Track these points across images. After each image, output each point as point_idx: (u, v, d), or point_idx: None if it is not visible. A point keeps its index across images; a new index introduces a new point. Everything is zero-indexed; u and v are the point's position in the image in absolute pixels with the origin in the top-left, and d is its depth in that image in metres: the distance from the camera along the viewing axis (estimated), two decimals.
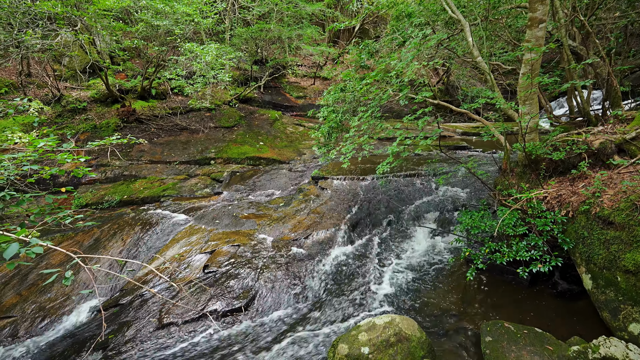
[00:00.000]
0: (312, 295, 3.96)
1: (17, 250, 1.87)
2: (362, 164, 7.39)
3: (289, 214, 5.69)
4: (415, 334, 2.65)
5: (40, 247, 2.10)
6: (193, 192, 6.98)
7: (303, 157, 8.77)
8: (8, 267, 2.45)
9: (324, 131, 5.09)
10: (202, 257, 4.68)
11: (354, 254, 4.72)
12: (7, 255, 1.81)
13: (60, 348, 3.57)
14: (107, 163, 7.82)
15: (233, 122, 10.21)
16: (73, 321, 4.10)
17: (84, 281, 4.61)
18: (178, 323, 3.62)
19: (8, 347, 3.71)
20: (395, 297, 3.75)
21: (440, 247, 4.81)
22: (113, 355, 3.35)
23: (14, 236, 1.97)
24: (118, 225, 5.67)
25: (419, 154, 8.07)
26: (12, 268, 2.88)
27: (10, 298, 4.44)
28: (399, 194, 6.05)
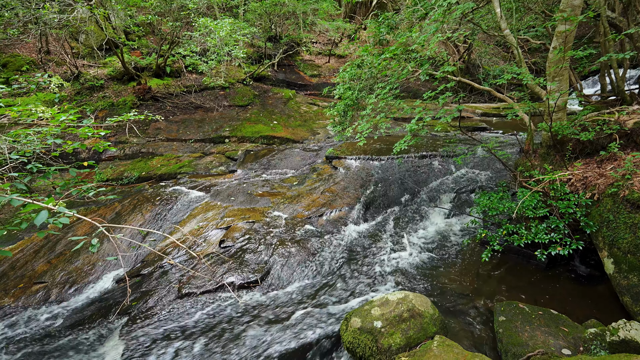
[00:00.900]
0: (325, 272, 4.03)
1: (46, 218, 1.95)
2: (376, 144, 7.27)
3: (302, 193, 5.72)
4: (428, 311, 2.67)
5: (66, 218, 2.18)
6: (208, 170, 7.08)
7: (317, 137, 8.70)
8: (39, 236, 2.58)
9: (340, 109, 4.99)
10: (218, 232, 4.80)
11: (368, 232, 4.74)
12: (37, 221, 1.89)
13: (88, 312, 3.80)
14: (125, 140, 7.98)
15: (247, 100, 10.16)
16: (98, 289, 4.34)
17: (107, 252, 4.84)
18: (196, 293, 3.77)
19: (42, 310, 3.97)
20: (408, 276, 3.77)
21: (455, 228, 4.76)
22: (136, 320, 3.54)
23: (43, 205, 2.05)
24: (137, 200, 5.85)
25: (436, 134, 7.87)
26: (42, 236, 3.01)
27: (41, 265, 4.72)
28: (415, 174, 5.95)
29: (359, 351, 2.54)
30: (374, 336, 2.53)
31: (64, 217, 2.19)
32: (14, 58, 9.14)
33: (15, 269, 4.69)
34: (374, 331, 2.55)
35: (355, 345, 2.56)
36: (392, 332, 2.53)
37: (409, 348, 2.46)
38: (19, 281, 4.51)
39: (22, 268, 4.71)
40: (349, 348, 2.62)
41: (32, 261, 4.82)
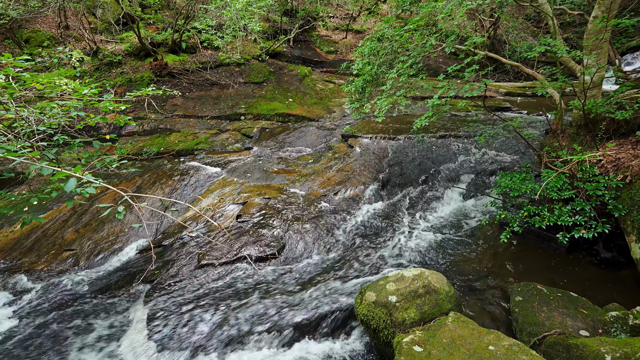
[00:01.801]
0: (339, 248, 4.08)
1: (74, 186, 2.02)
2: (393, 124, 7.11)
3: (318, 171, 5.71)
4: (443, 288, 2.67)
5: (92, 188, 2.25)
6: (225, 147, 7.14)
7: (332, 115, 8.56)
8: (67, 204, 2.69)
9: (358, 85, 4.85)
10: (235, 208, 4.90)
11: (383, 211, 4.73)
12: (67, 188, 1.95)
13: (114, 278, 4.02)
14: (144, 116, 8.10)
15: (262, 77, 10.03)
16: (122, 257, 4.56)
17: (131, 224, 5.04)
18: (215, 264, 3.91)
19: (72, 275, 4.23)
20: (424, 254, 3.77)
21: (473, 209, 4.68)
22: (159, 287, 3.72)
23: (71, 173, 2.11)
24: (157, 175, 6.00)
25: (456, 114, 7.60)
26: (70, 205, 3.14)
27: (70, 234, 4.98)
28: (433, 154, 5.82)
29: (373, 324, 2.59)
30: (389, 310, 2.57)
31: (90, 187, 2.27)
32: (35, 33, 9.27)
33: (47, 237, 4.97)
34: (389, 305, 2.59)
35: (369, 318, 2.61)
36: (407, 306, 2.55)
37: (423, 323, 2.49)
38: (51, 248, 4.78)
39: (52, 236, 4.98)
40: (363, 320, 2.67)
41: (61, 230, 5.09)
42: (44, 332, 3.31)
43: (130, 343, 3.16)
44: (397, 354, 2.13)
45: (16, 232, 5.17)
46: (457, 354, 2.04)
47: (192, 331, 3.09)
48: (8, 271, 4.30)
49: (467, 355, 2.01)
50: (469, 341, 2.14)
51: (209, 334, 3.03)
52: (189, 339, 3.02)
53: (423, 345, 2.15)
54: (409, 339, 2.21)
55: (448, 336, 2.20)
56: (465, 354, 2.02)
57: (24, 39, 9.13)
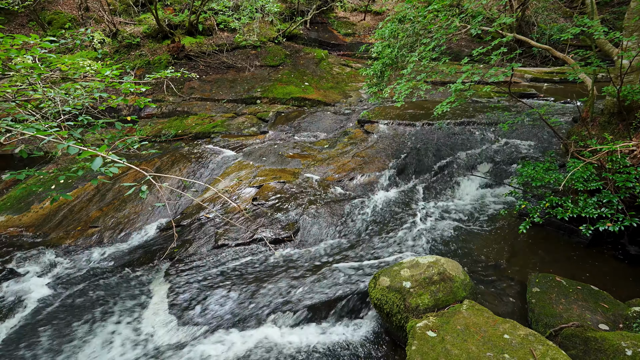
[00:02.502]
0: (353, 233, 4.10)
1: (100, 165, 2.09)
2: (411, 109, 6.94)
3: (333, 156, 5.69)
4: (459, 276, 2.66)
5: (115, 168, 2.31)
6: (240, 130, 7.18)
7: (349, 100, 8.43)
8: (92, 183, 2.80)
9: (377, 68, 4.73)
10: (251, 190, 4.97)
11: (398, 198, 4.69)
12: (94, 166, 2.02)
13: (136, 255, 4.19)
14: (162, 99, 8.21)
15: (278, 60, 9.91)
16: (143, 235, 4.74)
17: (150, 203, 5.21)
18: (231, 245, 4.02)
19: (97, 250, 4.44)
20: (439, 242, 3.74)
21: (491, 199, 4.57)
22: (178, 265, 3.87)
23: (97, 152, 2.18)
24: (175, 157, 6.13)
25: (477, 100, 7.34)
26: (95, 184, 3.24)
27: (94, 212, 5.20)
28: (451, 142, 5.67)
29: (387, 308, 2.62)
30: (402, 295, 2.59)
31: (113, 167, 2.34)
32: (57, 15, 9.42)
33: (73, 214, 5.21)
34: (403, 290, 2.60)
35: (383, 302, 2.64)
36: (421, 292, 2.56)
37: (437, 309, 2.50)
38: (77, 224, 5.02)
39: (78, 213, 5.22)
40: (377, 304, 2.71)
41: (86, 208, 5.32)
42: (72, 301, 3.52)
43: (152, 315, 3.33)
44: (411, 337, 2.16)
45: (45, 209, 5.45)
46: (471, 340, 2.05)
47: (210, 307, 3.22)
48: (40, 245, 4.56)
49: (481, 343, 2.02)
50: (483, 329, 2.14)
51: (225, 311, 3.15)
52: (207, 314, 3.15)
53: (437, 331, 2.17)
54: (422, 324, 2.23)
55: (462, 323, 2.21)
56: (480, 341, 2.03)
57: (46, 20, 9.30)
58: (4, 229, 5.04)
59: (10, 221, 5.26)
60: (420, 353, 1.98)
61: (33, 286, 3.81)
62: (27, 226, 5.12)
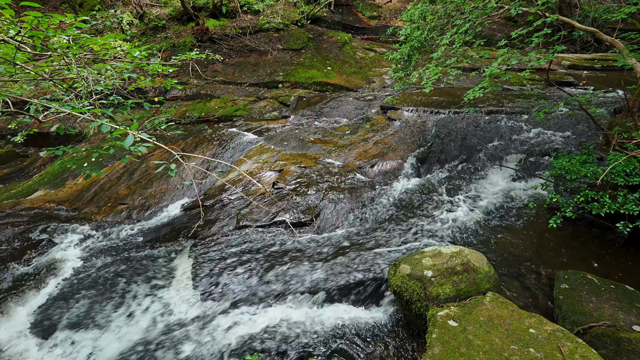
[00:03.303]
0: (373, 220, 4.07)
1: (132, 142, 2.15)
2: (437, 96, 6.69)
3: (354, 142, 5.61)
4: (483, 267, 2.59)
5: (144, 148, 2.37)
6: (262, 114, 7.21)
7: (372, 85, 8.23)
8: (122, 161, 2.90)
9: (404, 52, 4.55)
10: (272, 174, 5.01)
11: (421, 187, 4.59)
12: (126, 143, 2.09)
13: (162, 232, 4.37)
14: (186, 81, 8.33)
15: (301, 44, 9.76)
16: (168, 214, 4.91)
17: (175, 183, 5.37)
18: (252, 226, 4.10)
19: (126, 226, 4.66)
20: (462, 233, 3.66)
21: (519, 191, 4.39)
22: (201, 243, 4.00)
23: (129, 130, 2.25)
24: (199, 139, 6.25)
25: (509, 87, 6.96)
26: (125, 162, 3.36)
27: (123, 190, 5.44)
28: (479, 131, 5.45)
29: (406, 295, 2.61)
30: (423, 284, 2.56)
31: (142, 147, 2.40)
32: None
33: (104, 191, 5.47)
34: (424, 279, 2.58)
35: (402, 289, 2.63)
36: (443, 282, 2.53)
37: (459, 300, 2.46)
38: (107, 201, 5.27)
39: (108, 190, 5.47)
40: (396, 291, 2.70)
41: (115, 185, 5.57)
42: (104, 272, 3.72)
43: (177, 289, 3.48)
44: (431, 326, 2.14)
45: (79, 185, 5.75)
46: (494, 332, 2.01)
47: (231, 285, 3.32)
48: (74, 219, 4.84)
49: (505, 335, 1.97)
50: (507, 322, 2.09)
51: (246, 289, 3.24)
52: (228, 292, 3.26)
53: (458, 321, 2.14)
54: (443, 313, 2.21)
55: (485, 315, 2.16)
56: (504, 333, 1.98)
57: (78, 3, 9.55)
58: (43, 203, 5.37)
59: (48, 195, 5.60)
60: (441, 341, 1.97)
61: (69, 256, 4.06)
62: (63, 201, 5.44)
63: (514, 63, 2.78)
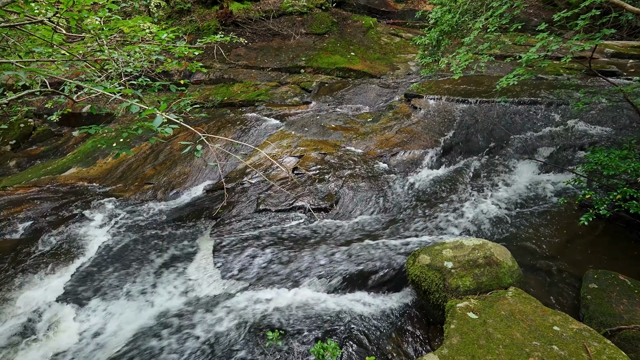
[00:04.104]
0: (393, 210, 4.03)
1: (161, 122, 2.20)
2: (464, 84, 6.42)
3: (376, 130, 5.52)
4: (506, 262, 2.52)
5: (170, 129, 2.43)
6: (284, 100, 7.19)
7: (396, 72, 7.99)
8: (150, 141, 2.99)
9: (433, 37, 4.37)
10: (292, 160, 5.03)
11: (443, 178, 4.48)
12: (155, 123, 2.14)
13: (185, 212, 4.52)
14: (210, 65, 8.40)
15: (325, 28, 9.57)
16: (191, 195, 5.07)
17: (198, 165, 5.51)
18: (272, 210, 4.16)
19: (151, 205, 4.85)
20: (485, 226, 3.56)
21: (547, 186, 4.20)
22: (222, 224, 4.11)
23: (158, 111, 2.31)
24: (221, 122, 6.34)
25: (543, 77, 6.57)
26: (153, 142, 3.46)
27: (148, 170, 5.64)
28: (508, 121, 5.21)
29: (425, 285, 2.59)
30: (443, 275, 2.53)
31: (168, 128, 2.46)
32: None
33: (131, 170, 5.70)
34: (443, 270, 2.54)
35: (421, 279, 2.61)
36: (463, 274, 2.48)
37: (479, 293, 2.42)
38: (134, 180, 5.50)
39: (135, 170, 5.69)
40: (414, 281, 2.68)
41: (142, 165, 5.78)
42: (131, 247, 3.92)
43: (198, 267, 3.62)
44: (450, 317, 2.12)
45: (108, 164, 6.01)
46: (516, 327, 1.96)
47: (250, 265, 3.41)
48: (104, 196, 5.09)
49: (527, 331, 1.93)
50: (530, 318, 2.04)
51: (264, 270, 3.32)
52: (248, 271, 3.35)
53: (478, 313, 2.11)
54: (463, 305, 2.18)
55: (507, 309, 2.12)
56: (526, 329, 1.94)
57: None
58: (76, 180, 5.68)
59: (80, 173, 5.90)
60: (460, 332, 1.95)
61: (99, 231, 4.29)
62: (94, 178, 5.72)
63: (554, 49, 2.60)
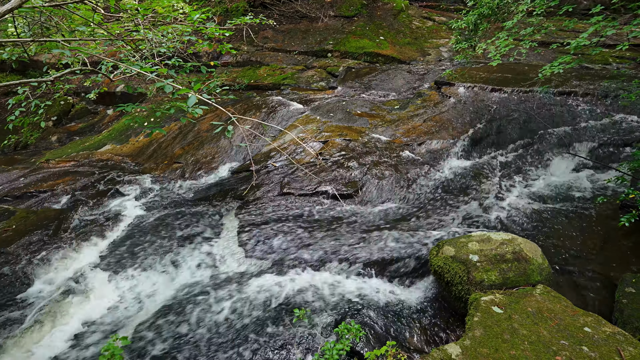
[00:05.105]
0: (417, 200, 3.97)
1: (195, 102, 2.25)
2: (499, 73, 6.09)
3: (403, 118, 5.38)
4: (536, 259, 2.44)
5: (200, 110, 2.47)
6: (309, 84, 7.13)
7: (427, 58, 7.69)
8: (181, 121, 3.08)
9: (470, 20, 4.13)
10: (316, 145, 5.03)
11: (472, 169, 4.33)
12: (189, 102, 2.20)
13: (212, 191, 4.67)
14: (237, 47, 8.42)
15: (354, 11, 9.29)
16: (218, 175, 5.21)
17: (224, 147, 5.64)
18: (295, 194, 4.21)
19: (180, 183, 5.04)
20: (514, 222, 3.44)
21: (587, 184, 3.96)
22: (247, 205, 4.21)
23: (192, 91, 2.36)
24: (247, 105, 6.40)
25: (589, 66, 6.10)
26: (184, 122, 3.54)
27: (177, 149, 5.83)
28: (546, 113, 4.91)
29: (447, 277, 2.56)
30: (467, 267, 2.49)
31: (198, 108, 2.51)
32: None
33: (161, 149, 5.92)
34: (468, 263, 2.50)
35: (444, 270, 2.58)
36: (489, 268, 2.43)
37: (505, 288, 2.36)
38: (164, 159, 5.71)
39: (165, 149, 5.91)
40: (437, 272, 2.66)
41: (171, 145, 5.98)
42: (161, 222, 4.11)
43: (223, 245, 3.76)
44: (473, 309, 2.10)
45: (140, 142, 6.27)
46: (543, 325, 1.91)
47: (272, 247, 3.50)
48: (136, 172, 5.34)
49: (555, 330, 1.88)
50: (559, 317, 1.98)
51: (286, 251, 3.40)
52: (269, 253, 3.44)
53: (503, 308, 2.07)
54: (488, 299, 2.14)
55: (534, 306, 2.06)
56: (554, 327, 1.89)
57: None
58: (110, 156, 5.98)
59: (114, 150, 6.20)
60: (484, 325, 1.93)
61: (132, 205, 4.53)
62: (127, 155, 5.99)
63: (609, 34, 2.38)
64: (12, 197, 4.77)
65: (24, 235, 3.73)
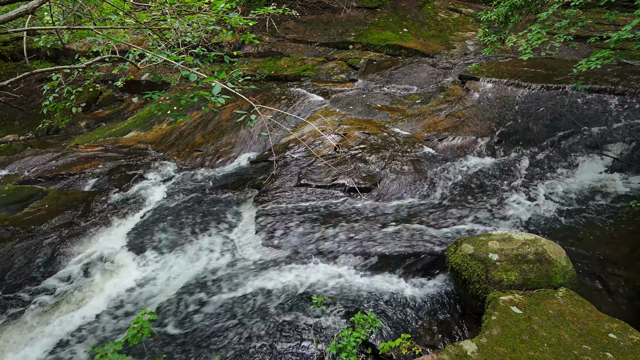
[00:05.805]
0: (437, 197, 3.90)
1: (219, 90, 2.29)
2: (527, 67, 5.83)
3: (424, 112, 5.27)
4: (560, 261, 2.37)
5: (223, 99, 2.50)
6: (329, 76, 7.08)
7: (451, 52, 7.45)
8: (204, 109, 3.13)
9: (500, 12, 3.96)
10: (335, 138, 5.02)
11: (495, 168, 4.21)
12: (214, 91, 2.23)
13: (231, 180, 4.76)
14: (259, 37, 8.45)
15: (377, 1, 9.09)
16: (236, 164, 5.30)
17: (243, 137, 5.71)
18: (312, 186, 4.24)
19: (200, 171, 5.16)
20: (538, 223, 3.33)
21: (618, 186, 3.78)
22: (265, 194, 4.27)
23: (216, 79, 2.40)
24: (267, 96, 6.44)
25: (628, 62, 5.75)
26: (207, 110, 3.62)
27: (198, 138, 5.96)
28: (576, 111, 4.69)
29: (465, 274, 2.53)
30: (486, 266, 2.44)
31: (221, 98, 2.55)
32: None
33: (183, 137, 6.06)
34: (488, 262, 2.45)
35: (462, 268, 2.55)
36: (509, 268, 2.38)
37: (525, 289, 2.31)
38: (185, 147, 5.86)
39: (186, 137, 6.05)
40: (455, 269, 2.63)
41: (192, 134, 6.12)
42: (182, 207, 4.24)
43: (241, 232, 3.84)
44: (491, 308, 2.07)
45: (163, 130, 6.45)
46: (564, 328, 1.86)
47: (290, 236, 3.55)
48: (159, 159, 5.51)
49: (577, 334, 1.82)
50: (582, 321, 1.92)
51: (303, 242, 3.44)
52: (287, 242, 3.50)
53: (523, 309, 2.02)
54: (507, 298, 2.10)
55: (556, 309, 2.01)
56: (576, 332, 1.83)
57: None
58: (135, 143, 6.18)
59: (139, 137, 6.41)
60: (502, 325, 1.90)
61: (155, 190, 4.69)
62: (150, 142, 6.18)
63: None
64: (45, 179, 5.03)
65: (56, 215, 3.94)
